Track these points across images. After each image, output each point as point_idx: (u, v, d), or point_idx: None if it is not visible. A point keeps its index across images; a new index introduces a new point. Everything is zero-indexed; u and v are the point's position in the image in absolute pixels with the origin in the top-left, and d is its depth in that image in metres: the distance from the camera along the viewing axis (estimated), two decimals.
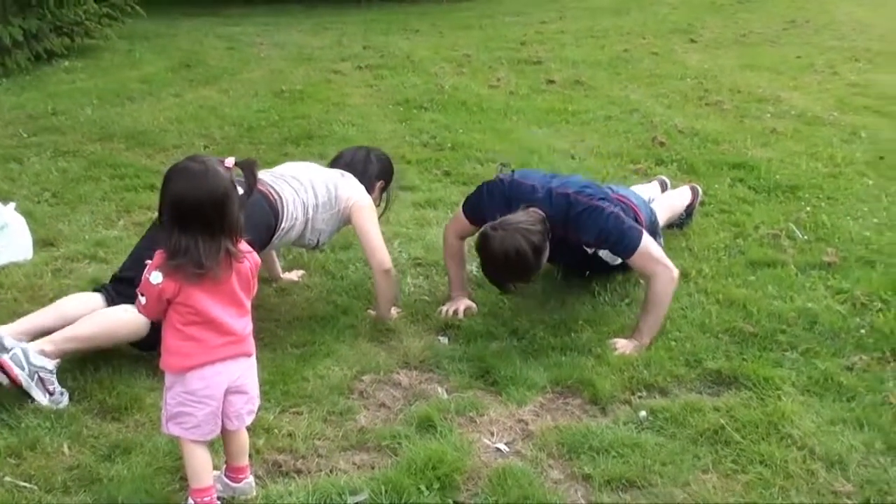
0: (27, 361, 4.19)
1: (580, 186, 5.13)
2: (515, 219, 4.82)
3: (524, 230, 4.75)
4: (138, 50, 13.11)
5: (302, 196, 4.92)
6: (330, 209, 5.03)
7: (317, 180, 5.04)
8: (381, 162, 5.59)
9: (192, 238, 3.24)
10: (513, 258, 4.73)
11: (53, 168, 7.68)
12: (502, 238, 4.73)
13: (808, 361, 4.63)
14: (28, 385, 4.15)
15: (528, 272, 4.90)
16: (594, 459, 3.87)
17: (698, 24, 16.24)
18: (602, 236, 4.97)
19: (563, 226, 4.96)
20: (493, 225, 4.83)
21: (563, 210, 4.96)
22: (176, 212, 3.25)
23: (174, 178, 3.29)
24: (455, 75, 11.80)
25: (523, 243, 4.72)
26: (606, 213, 4.95)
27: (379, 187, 5.51)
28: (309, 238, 5.09)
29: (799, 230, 6.31)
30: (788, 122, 9.33)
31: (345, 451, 3.97)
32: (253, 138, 8.66)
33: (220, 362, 3.38)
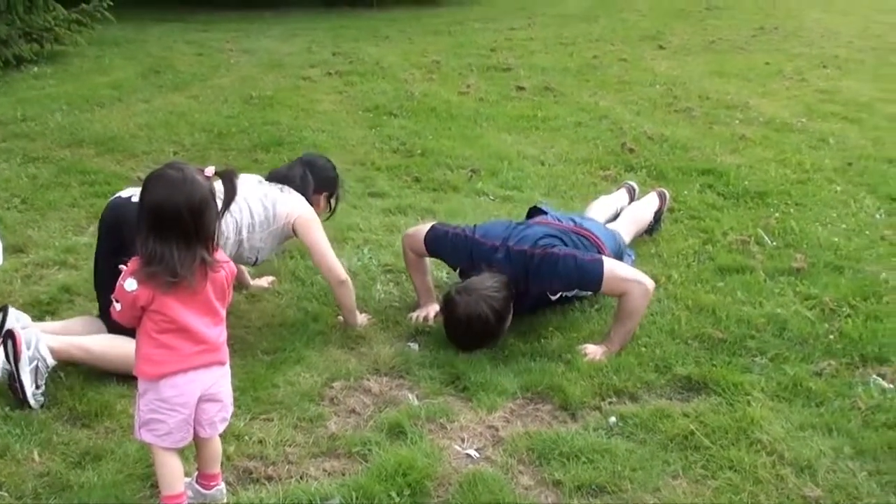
0: (35, 346, 4.25)
1: (536, 239, 5.10)
2: (481, 283, 4.86)
3: (488, 297, 4.79)
4: (108, 56, 13.06)
5: (236, 215, 4.82)
6: (268, 227, 4.96)
7: (252, 198, 4.94)
8: (321, 173, 5.46)
9: (167, 246, 3.23)
10: (475, 325, 4.77)
11: (23, 174, 7.63)
12: (466, 304, 4.76)
13: (777, 367, 4.66)
14: (24, 367, 4.17)
15: (490, 338, 4.90)
16: (564, 465, 3.88)
17: (667, 31, 16.33)
18: (564, 281, 5.01)
19: (525, 280, 4.98)
20: (459, 289, 4.87)
21: (522, 267, 4.98)
22: (153, 219, 3.24)
23: (152, 185, 3.28)
24: (425, 82, 11.81)
25: (486, 310, 4.75)
26: (561, 257, 4.95)
27: (323, 199, 5.45)
28: (247, 256, 5.03)
29: (768, 236, 6.35)
30: (757, 129, 9.39)
31: (315, 457, 3.96)
32: (223, 144, 8.63)
33: (193, 370, 3.37)
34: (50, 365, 4.32)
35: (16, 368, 4.20)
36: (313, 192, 5.33)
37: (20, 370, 4.19)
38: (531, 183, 7.62)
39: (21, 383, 4.19)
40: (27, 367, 4.22)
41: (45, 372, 4.30)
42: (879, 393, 4.43)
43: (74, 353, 4.44)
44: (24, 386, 4.19)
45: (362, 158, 8.21)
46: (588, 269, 4.92)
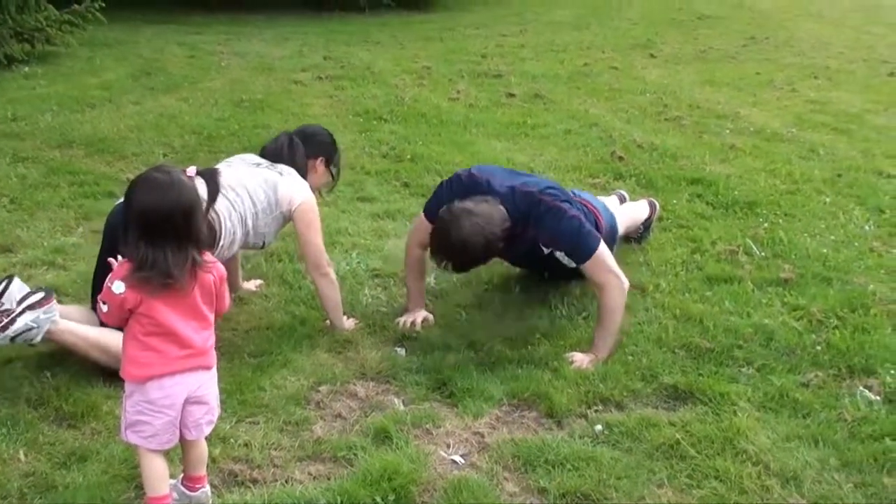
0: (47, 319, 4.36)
1: (544, 187, 5.14)
2: (490, 214, 4.83)
3: (487, 224, 4.78)
4: (99, 57, 13.03)
5: (239, 209, 4.80)
6: (271, 212, 4.93)
7: (252, 185, 4.88)
8: (311, 138, 5.41)
9: (160, 249, 3.25)
10: (466, 249, 4.78)
11: (12, 174, 7.61)
12: (468, 229, 4.74)
13: (763, 377, 4.67)
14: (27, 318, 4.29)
15: (469, 265, 4.97)
16: (550, 472, 3.88)
17: (658, 40, 16.35)
18: (560, 238, 4.98)
19: (524, 223, 4.96)
20: (465, 208, 4.83)
21: (524, 208, 4.97)
22: (144, 223, 3.25)
23: (140, 190, 3.29)
24: (415, 87, 11.81)
25: (481, 239, 4.76)
26: (568, 215, 4.97)
27: (320, 164, 5.39)
28: (254, 242, 5.02)
29: (756, 246, 6.36)
30: (747, 139, 9.40)
31: (301, 461, 3.96)
32: (213, 147, 8.62)
33: (180, 374, 3.38)
34: (34, 342, 4.36)
35: (21, 312, 4.27)
36: (308, 158, 5.30)
37: (22, 316, 4.27)
38: None
39: (10, 322, 4.24)
40: (28, 319, 4.28)
41: (25, 342, 4.35)
42: (866, 405, 4.44)
43: (67, 338, 4.45)
44: (10, 327, 4.24)
45: (352, 163, 8.20)
46: (587, 239, 4.95)
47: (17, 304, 4.30)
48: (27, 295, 4.34)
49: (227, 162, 5.20)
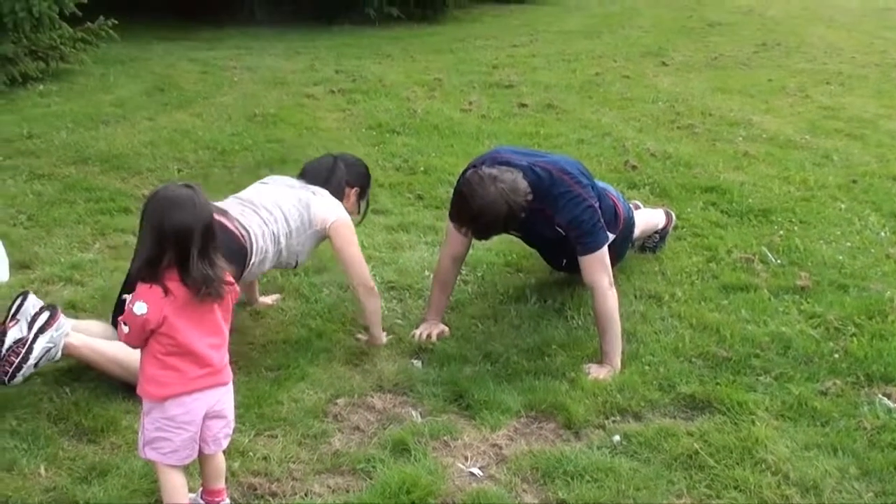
0: (61, 334, 4.41)
1: (563, 164, 5.15)
2: (517, 184, 4.85)
3: (513, 201, 4.80)
4: (113, 74, 13.06)
5: (272, 227, 4.85)
6: (304, 231, 4.98)
7: (286, 205, 4.95)
8: (351, 167, 5.48)
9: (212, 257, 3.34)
10: (487, 217, 4.81)
11: (29, 191, 7.64)
12: (493, 196, 4.76)
13: (781, 386, 4.66)
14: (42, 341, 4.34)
15: (488, 233, 5.03)
16: (568, 484, 3.89)
17: (669, 48, 16.33)
18: (573, 224, 4.99)
19: (542, 200, 4.97)
20: (493, 175, 4.84)
21: (544, 184, 4.98)
22: (189, 237, 3.27)
23: (169, 209, 3.29)
24: (427, 99, 11.82)
25: (504, 208, 4.78)
26: (585, 203, 4.99)
27: (354, 194, 5.44)
28: (287, 261, 5.06)
29: (772, 254, 6.35)
30: (760, 146, 9.39)
31: (319, 474, 3.97)
32: (227, 162, 8.64)
33: (199, 391, 3.39)
34: (57, 358, 4.43)
35: (35, 337, 4.31)
36: (344, 185, 5.35)
37: (38, 341, 4.31)
38: None
39: (28, 351, 4.28)
40: (44, 342, 4.33)
41: (48, 361, 4.41)
42: (885, 413, 4.43)
43: (85, 352, 4.50)
44: (30, 356, 4.28)
45: None
46: (597, 233, 4.99)
47: (28, 328, 4.34)
48: (34, 318, 4.38)
49: (263, 181, 5.30)
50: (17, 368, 4.29)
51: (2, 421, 4.23)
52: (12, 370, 4.28)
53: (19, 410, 4.32)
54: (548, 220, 5.07)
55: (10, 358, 4.29)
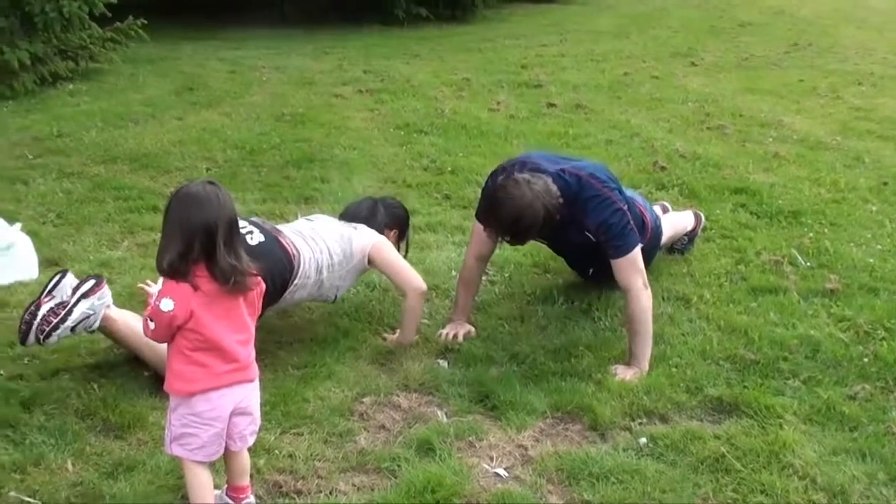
0: (102, 304, 4.52)
1: (593, 170, 5.14)
2: (548, 186, 4.85)
3: (549, 203, 4.79)
4: (142, 73, 13.13)
5: (317, 256, 4.92)
6: (346, 265, 5.05)
7: (331, 239, 5.04)
8: (391, 210, 5.58)
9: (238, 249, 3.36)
10: (524, 221, 4.79)
11: (58, 189, 7.69)
12: (528, 198, 4.76)
13: (810, 390, 4.63)
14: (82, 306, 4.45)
15: (524, 238, 4.99)
16: (594, 485, 3.87)
17: (699, 48, 16.28)
18: (603, 228, 4.96)
19: (571, 205, 4.95)
20: (528, 179, 4.84)
21: (573, 190, 4.97)
22: (214, 231, 3.28)
23: (195, 206, 3.30)
24: (455, 99, 11.81)
25: (541, 212, 4.77)
26: (615, 207, 4.97)
27: (393, 236, 5.48)
28: (327, 295, 5.13)
29: (801, 256, 6.31)
30: (791, 147, 9.33)
31: (344, 472, 3.98)
32: (255, 161, 8.66)
33: (226, 387, 3.40)
34: (93, 328, 4.54)
35: (76, 301, 4.41)
36: (384, 228, 5.41)
37: (78, 305, 4.41)
38: None
39: (68, 313, 4.38)
40: (85, 307, 4.43)
41: (84, 330, 4.51)
42: None
43: (121, 328, 4.60)
44: (69, 318, 4.39)
45: (393, 176, 8.22)
46: (628, 236, 4.95)
47: (71, 293, 4.42)
48: (79, 284, 4.48)
49: (308, 217, 5.41)
50: (54, 328, 4.38)
51: (30, 416, 4.26)
52: (49, 329, 4.38)
53: (47, 406, 4.35)
54: (577, 226, 5.06)
55: (49, 317, 4.39)
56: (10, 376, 4.60)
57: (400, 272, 5.11)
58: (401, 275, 5.10)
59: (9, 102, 10.93)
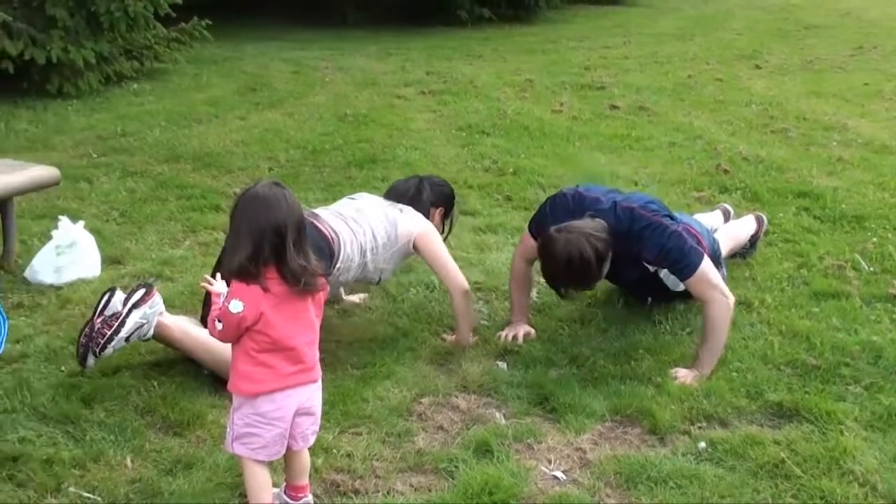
0: (154, 312, 4.58)
1: (645, 202, 5.12)
2: (581, 224, 4.84)
3: (589, 235, 4.76)
4: (205, 73, 13.24)
5: (360, 238, 4.92)
6: (391, 248, 5.05)
7: (375, 221, 5.03)
8: (437, 188, 5.58)
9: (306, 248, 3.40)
10: (576, 262, 4.73)
11: (122, 188, 7.78)
12: (567, 241, 4.73)
13: (871, 396, 4.58)
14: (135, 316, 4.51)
15: (588, 278, 4.91)
16: (652, 490, 3.85)
17: (764, 51, 16.14)
18: (662, 254, 4.94)
19: (626, 240, 4.93)
20: (559, 228, 4.83)
21: (626, 224, 4.95)
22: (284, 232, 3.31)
23: (264, 207, 3.32)
24: (518, 100, 11.81)
25: (587, 248, 4.72)
26: (669, 231, 4.93)
27: (438, 214, 5.51)
28: (372, 276, 5.13)
29: (864, 261, 6.24)
30: (855, 151, 9.23)
31: (402, 472, 3.99)
32: (317, 161, 8.72)
33: (291, 388, 3.42)
34: (148, 336, 4.59)
35: (129, 312, 4.46)
36: (430, 206, 5.42)
37: (131, 315, 4.47)
38: None
39: (121, 324, 4.44)
40: (137, 317, 4.49)
41: (139, 339, 4.57)
42: None
43: (176, 334, 4.64)
44: (122, 329, 4.44)
45: (454, 177, 8.21)
46: (689, 255, 4.90)
47: (122, 303, 4.47)
48: (130, 294, 4.52)
49: (352, 196, 5.40)
50: (109, 340, 4.44)
51: (91, 413, 4.31)
52: (104, 342, 4.44)
53: (108, 402, 4.40)
54: (634, 261, 5.05)
55: (103, 330, 4.44)
56: (71, 373, 4.65)
57: (444, 267, 5.11)
58: (444, 270, 5.11)
59: (74, 101, 11.07)
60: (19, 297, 5.60)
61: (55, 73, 11.16)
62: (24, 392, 4.43)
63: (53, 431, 4.17)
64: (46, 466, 3.91)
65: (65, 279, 5.78)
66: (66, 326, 5.18)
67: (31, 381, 4.55)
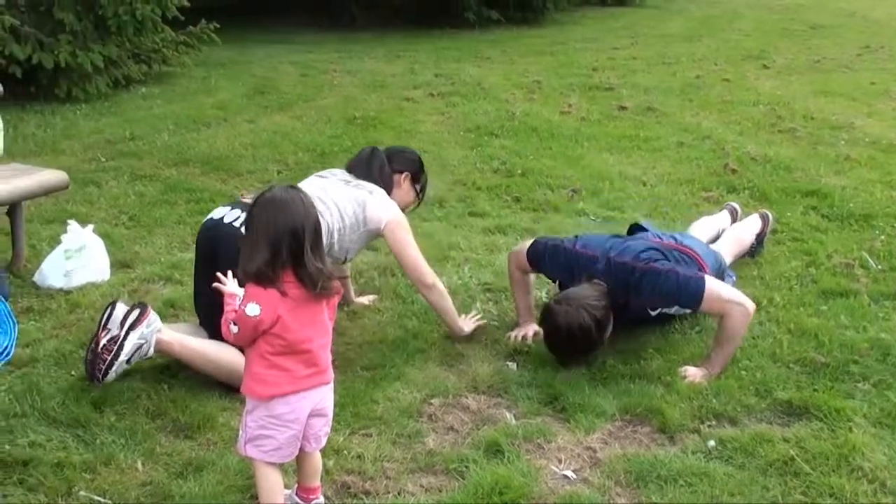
0: (152, 330, 4.53)
1: (638, 252, 5.08)
2: (580, 293, 4.88)
3: (588, 305, 4.79)
4: (214, 77, 13.28)
5: (327, 219, 4.87)
6: (357, 229, 5.02)
7: (342, 201, 4.99)
8: (399, 154, 5.53)
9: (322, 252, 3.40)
10: (577, 334, 4.76)
11: (131, 192, 7.80)
12: (566, 313, 4.77)
13: (880, 393, 4.58)
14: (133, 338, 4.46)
15: (591, 347, 4.90)
16: (662, 488, 3.86)
17: (771, 51, 16.15)
18: (664, 298, 4.98)
19: (625, 293, 4.97)
20: (558, 299, 4.90)
21: (623, 279, 4.96)
22: (301, 236, 3.31)
23: (282, 211, 3.32)
24: (526, 102, 11.83)
25: (587, 319, 4.75)
26: (664, 273, 4.92)
27: (405, 179, 5.46)
28: (337, 255, 5.07)
29: (872, 259, 6.25)
30: (863, 150, 9.23)
31: (412, 473, 3.99)
32: (326, 164, 8.67)
33: (306, 391, 3.44)
34: (149, 355, 4.56)
35: (126, 334, 4.43)
36: (394, 173, 5.38)
37: (128, 338, 4.43)
38: (632, 203, 7.59)
39: (119, 348, 4.41)
40: (135, 338, 4.45)
41: (140, 358, 4.54)
42: None
43: (176, 348, 4.61)
44: (122, 352, 4.42)
45: (463, 178, 8.25)
46: (689, 286, 4.88)
47: (120, 326, 4.45)
48: (126, 316, 4.49)
49: (320, 174, 5.34)
50: (109, 366, 4.42)
51: (101, 416, 4.32)
52: (105, 367, 4.42)
53: (118, 406, 4.40)
54: (636, 309, 5.09)
55: (104, 355, 4.43)
56: (82, 376, 4.65)
57: (408, 261, 5.07)
58: (408, 265, 5.08)
59: (82, 105, 11.11)
60: (29, 301, 5.61)
61: (63, 78, 11.21)
62: (34, 396, 4.44)
63: (64, 435, 4.17)
64: (57, 470, 3.92)
65: (74, 283, 5.79)
66: (76, 330, 5.20)
67: (41, 385, 4.56)
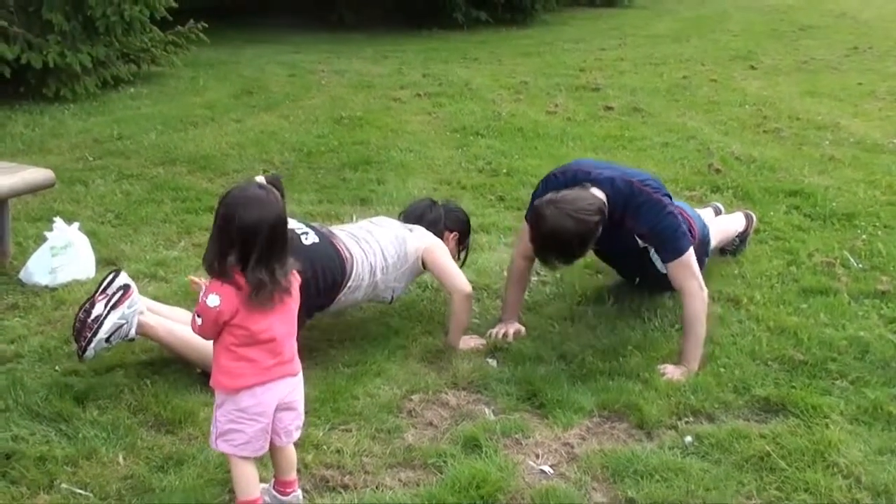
0: (134, 311, 4.59)
1: (645, 178, 5.17)
2: (576, 197, 4.84)
3: (576, 214, 4.75)
4: (202, 77, 13.28)
5: (370, 259, 4.97)
6: (401, 266, 5.11)
7: (385, 241, 5.09)
8: (452, 213, 5.63)
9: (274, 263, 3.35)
10: (557, 240, 4.78)
11: (117, 190, 7.82)
12: (554, 217, 4.75)
13: (857, 390, 4.62)
14: (114, 317, 4.52)
15: (570, 256, 4.94)
16: (638, 483, 3.89)
17: (759, 51, 16.20)
18: (655, 231, 4.99)
19: (622, 212, 4.98)
20: (550, 199, 4.84)
21: (624, 196, 4.98)
22: (252, 239, 3.30)
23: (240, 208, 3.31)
24: (512, 102, 11.86)
25: (571, 228, 4.74)
26: (666, 210, 4.99)
27: (453, 239, 5.53)
28: (384, 296, 5.19)
29: (854, 258, 6.28)
30: (847, 150, 9.28)
31: (391, 467, 4.02)
32: (312, 163, 8.75)
33: (272, 382, 3.45)
34: (131, 336, 4.63)
35: (107, 313, 4.49)
36: (445, 230, 5.47)
37: (109, 316, 4.50)
38: None
39: (100, 325, 4.47)
40: (115, 318, 4.52)
41: (121, 339, 4.59)
42: None
43: (160, 333, 4.69)
44: (100, 330, 4.48)
45: (448, 178, 8.28)
46: (679, 239, 4.96)
47: (104, 305, 4.52)
48: (111, 295, 4.55)
49: (372, 220, 5.44)
50: (89, 342, 4.49)
51: (84, 411, 4.35)
52: (84, 344, 4.50)
53: (101, 401, 4.43)
54: (627, 232, 5.08)
55: (85, 333, 4.50)
56: (66, 372, 4.69)
57: (447, 274, 5.14)
58: (448, 277, 5.14)
59: (70, 105, 11.11)
60: (14, 298, 5.64)
61: (52, 78, 11.21)
62: (17, 391, 4.47)
63: (47, 429, 4.20)
64: (39, 464, 3.94)
65: (59, 280, 5.82)
66: (61, 327, 5.22)
67: (24, 381, 4.58)
